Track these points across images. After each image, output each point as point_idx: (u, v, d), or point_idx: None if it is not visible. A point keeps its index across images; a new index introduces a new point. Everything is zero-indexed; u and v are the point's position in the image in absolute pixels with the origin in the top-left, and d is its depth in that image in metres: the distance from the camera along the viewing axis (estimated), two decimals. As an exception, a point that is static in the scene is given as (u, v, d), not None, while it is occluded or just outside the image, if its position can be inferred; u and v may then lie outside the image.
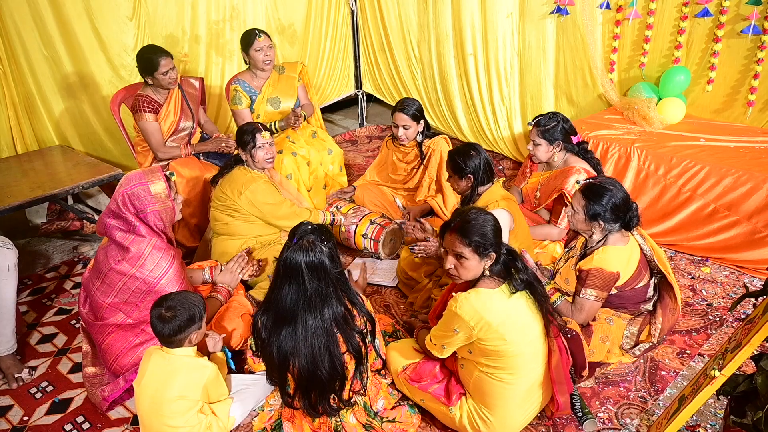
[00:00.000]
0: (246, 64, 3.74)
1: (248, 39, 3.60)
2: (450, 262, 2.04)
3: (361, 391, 2.13)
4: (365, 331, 2.09)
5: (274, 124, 3.72)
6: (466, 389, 2.14)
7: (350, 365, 2.05)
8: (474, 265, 1.99)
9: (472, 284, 2.05)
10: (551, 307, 2.17)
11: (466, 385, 2.13)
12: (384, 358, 2.27)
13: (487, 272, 2.01)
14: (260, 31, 3.61)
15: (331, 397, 2.05)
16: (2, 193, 3.09)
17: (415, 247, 2.86)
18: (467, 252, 1.98)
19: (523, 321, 1.99)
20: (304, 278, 1.93)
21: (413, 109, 3.40)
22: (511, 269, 2.01)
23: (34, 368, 2.65)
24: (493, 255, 1.98)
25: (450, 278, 2.12)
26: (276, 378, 2.07)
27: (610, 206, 2.29)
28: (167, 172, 2.41)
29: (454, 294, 2.04)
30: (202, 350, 2.32)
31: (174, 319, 2.03)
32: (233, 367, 2.38)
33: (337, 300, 2.00)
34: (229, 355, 2.36)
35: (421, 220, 3.17)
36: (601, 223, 2.32)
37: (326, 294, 1.97)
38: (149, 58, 3.29)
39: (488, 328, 1.93)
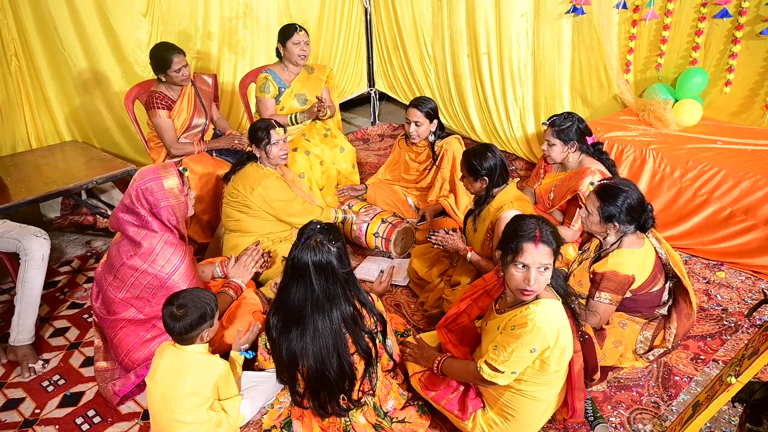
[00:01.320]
0: (278, 56, 3.75)
1: (288, 31, 3.63)
2: (534, 279, 1.82)
3: (371, 392, 2.12)
4: (375, 331, 2.07)
5: (296, 115, 3.73)
6: (487, 403, 2.07)
7: (360, 366, 2.04)
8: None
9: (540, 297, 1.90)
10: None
11: (490, 402, 2.05)
12: (396, 359, 2.25)
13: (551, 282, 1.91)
14: (300, 26, 3.65)
15: (341, 397, 2.04)
16: (17, 188, 3.12)
17: (432, 237, 2.74)
18: (553, 260, 1.86)
19: (570, 340, 1.91)
20: (311, 278, 1.92)
21: (427, 107, 3.38)
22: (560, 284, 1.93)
23: (47, 361, 2.67)
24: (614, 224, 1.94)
25: (522, 296, 1.86)
26: (286, 378, 2.07)
27: (625, 207, 2.25)
28: (180, 168, 2.42)
29: (531, 307, 1.85)
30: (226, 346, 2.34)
31: (185, 317, 2.03)
32: (251, 354, 2.38)
33: (345, 300, 1.98)
34: (248, 354, 2.36)
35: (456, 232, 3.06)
36: (616, 224, 2.29)
37: (334, 294, 1.95)
38: (162, 56, 3.30)
39: (558, 344, 1.82)
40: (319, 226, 2.01)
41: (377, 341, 2.08)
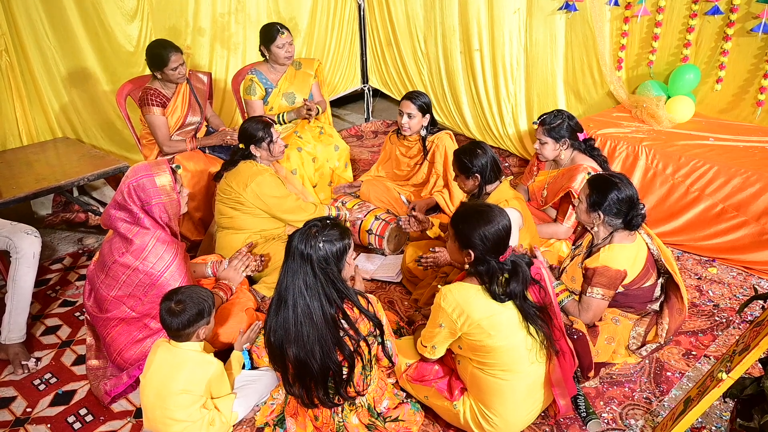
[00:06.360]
0: (262, 57, 3.72)
1: (270, 34, 3.58)
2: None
3: (364, 392, 2.11)
4: (375, 334, 2.04)
5: (283, 115, 3.71)
6: (465, 385, 2.13)
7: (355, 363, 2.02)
8: (453, 250, 2.09)
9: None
10: (552, 319, 2.09)
11: (464, 381, 2.13)
12: (395, 362, 2.19)
13: (471, 269, 2.02)
14: (282, 26, 3.59)
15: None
16: (8, 185, 3.09)
17: (422, 261, 2.75)
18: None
19: (510, 324, 1.96)
20: (297, 263, 1.93)
21: (421, 101, 3.39)
22: (493, 279, 1.96)
23: (39, 359, 2.66)
24: (471, 253, 1.98)
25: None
26: (278, 364, 2.04)
27: (611, 198, 2.26)
28: (173, 165, 2.41)
29: (440, 287, 2.03)
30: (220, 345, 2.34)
31: (183, 313, 2.03)
32: (249, 365, 2.38)
33: (325, 298, 1.94)
34: (246, 354, 2.36)
35: (415, 212, 3.14)
36: (601, 214, 2.30)
37: (314, 288, 1.93)
38: (159, 54, 3.28)
39: (470, 323, 1.93)
40: (329, 222, 1.99)
41: (375, 344, 2.05)
